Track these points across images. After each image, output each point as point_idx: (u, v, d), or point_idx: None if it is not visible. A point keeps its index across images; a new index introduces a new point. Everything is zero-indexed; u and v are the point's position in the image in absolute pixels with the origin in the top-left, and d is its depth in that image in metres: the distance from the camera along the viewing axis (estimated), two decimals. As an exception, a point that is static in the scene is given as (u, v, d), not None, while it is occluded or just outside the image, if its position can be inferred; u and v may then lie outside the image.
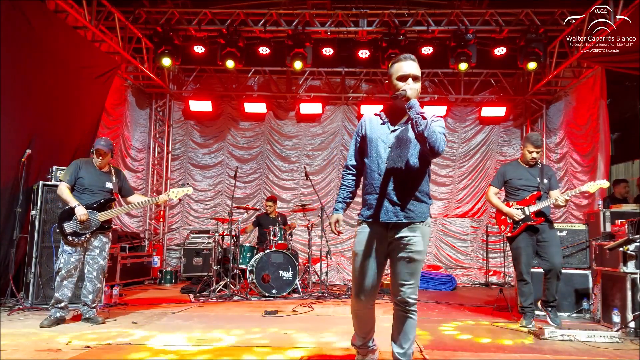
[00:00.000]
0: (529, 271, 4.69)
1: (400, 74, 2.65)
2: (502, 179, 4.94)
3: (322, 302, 6.15)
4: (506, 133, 9.81)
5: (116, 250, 7.14)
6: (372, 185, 2.70)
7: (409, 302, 2.66)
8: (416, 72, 2.66)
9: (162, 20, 7.82)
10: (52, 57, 6.00)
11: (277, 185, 9.76)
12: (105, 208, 4.59)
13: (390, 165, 2.66)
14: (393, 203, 2.64)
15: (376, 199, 2.67)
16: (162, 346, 3.66)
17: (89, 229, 4.48)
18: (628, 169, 8.77)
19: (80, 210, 4.40)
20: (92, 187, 4.58)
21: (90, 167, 4.65)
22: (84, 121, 6.79)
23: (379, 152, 2.71)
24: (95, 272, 4.56)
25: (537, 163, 4.83)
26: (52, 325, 4.31)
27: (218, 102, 9.76)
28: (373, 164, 2.72)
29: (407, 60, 2.67)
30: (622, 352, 3.70)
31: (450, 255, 9.44)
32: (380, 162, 2.69)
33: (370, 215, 2.70)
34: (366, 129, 2.81)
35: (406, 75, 2.63)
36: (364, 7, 7.81)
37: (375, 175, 2.70)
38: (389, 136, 2.72)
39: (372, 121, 2.83)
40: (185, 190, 4.84)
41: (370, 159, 2.74)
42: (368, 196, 2.73)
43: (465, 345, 3.85)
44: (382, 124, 2.77)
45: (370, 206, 2.70)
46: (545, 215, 4.68)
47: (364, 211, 2.75)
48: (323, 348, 3.62)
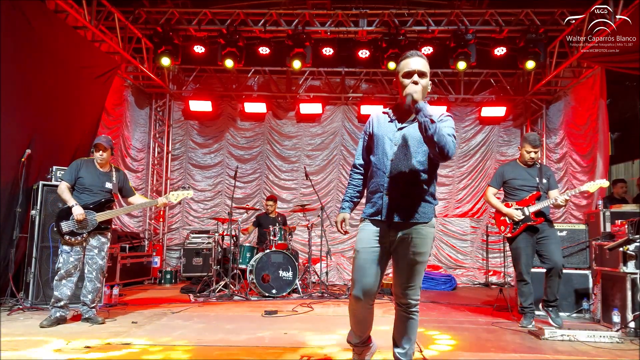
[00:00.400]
0: (529, 271, 4.70)
1: (406, 70, 2.58)
2: (500, 180, 4.94)
3: (322, 302, 6.15)
4: (506, 133, 9.81)
5: (116, 250, 7.14)
6: (377, 183, 2.65)
7: (411, 303, 2.64)
8: (423, 68, 2.58)
9: (162, 20, 7.82)
10: (52, 57, 6.00)
11: (277, 185, 9.76)
12: (103, 208, 4.59)
13: (396, 163, 2.60)
14: (398, 202, 2.58)
15: (381, 197, 2.61)
16: (162, 346, 3.66)
17: (86, 229, 4.48)
18: (628, 169, 8.77)
19: (78, 209, 4.40)
20: (92, 187, 4.58)
21: (90, 167, 4.65)
22: (84, 121, 6.79)
23: (385, 149, 2.65)
24: (95, 272, 4.56)
25: (536, 163, 4.83)
26: (52, 325, 4.31)
27: (218, 102, 9.76)
28: (379, 161, 2.66)
29: (413, 57, 2.60)
30: (622, 352, 3.70)
31: (450, 255, 9.44)
32: (385, 160, 2.63)
33: (373, 213, 2.65)
34: (373, 127, 2.77)
35: (411, 72, 2.56)
36: (364, 7, 7.81)
37: (380, 173, 2.64)
38: (396, 134, 2.65)
39: (379, 119, 2.78)
40: (185, 193, 4.80)
41: (377, 157, 2.69)
42: (372, 194, 2.68)
43: (465, 345, 3.85)
44: (389, 122, 2.72)
45: (375, 204, 2.65)
46: (544, 215, 4.69)
47: (368, 209, 2.69)
48: (323, 348, 3.63)
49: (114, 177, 4.73)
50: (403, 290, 2.63)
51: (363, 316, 2.74)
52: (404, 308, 2.66)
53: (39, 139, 5.74)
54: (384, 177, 2.61)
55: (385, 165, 2.63)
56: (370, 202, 2.69)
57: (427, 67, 2.61)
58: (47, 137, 5.93)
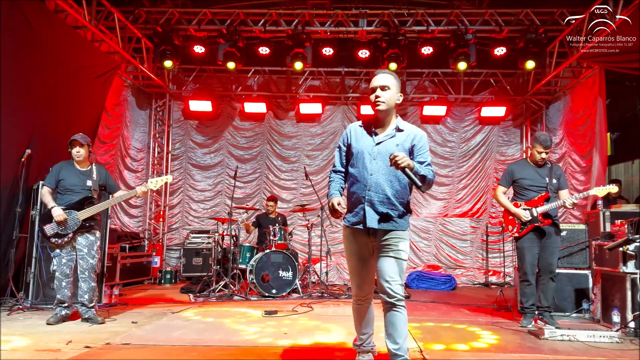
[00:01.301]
0: (533, 272, 4.67)
1: (371, 87, 2.87)
2: (510, 178, 4.91)
3: (322, 302, 6.15)
4: (506, 133, 9.81)
5: (116, 250, 7.14)
6: (359, 195, 2.82)
7: (396, 296, 2.75)
8: (384, 82, 2.82)
9: (162, 20, 7.82)
10: (52, 57, 5.99)
11: (276, 185, 9.76)
12: (84, 206, 4.56)
13: (376, 177, 2.79)
14: (377, 212, 2.78)
15: (362, 208, 2.80)
16: (162, 346, 3.66)
17: (70, 229, 4.48)
18: (628, 169, 8.78)
19: (57, 211, 4.42)
20: (73, 187, 4.59)
21: (70, 168, 4.66)
22: (84, 121, 6.78)
23: (365, 163, 2.82)
24: (87, 271, 4.55)
25: (547, 163, 4.79)
26: (58, 322, 4.42)
27: (218, 102, 9.76)
28: (359, 174, 2.84)
29: (377, 74, 2.88)
30: (622, 352, 3.70)
31: (450, 255, 9.44)
32: (366, 173, 2.81)
33: (356, 222, 2.84)
34: (351, 140, 2.94)
35: (373, 88, 2.84)
36: (363, 7, 7.82)
37: (361, 185, 2.82)
38: (374, 148, 2.83)
39: (357, 132, 2.94)
40: (164, 179, 4.82)
41: (357, 169, 2.86)
42: (354, 205, 2.86)
43: (465, 345, 3.85)
44: (367, 135, 2.90)
45: (357, 214, 2.84)
46: (552, 217, 4.67)
47: (350, 218, 2.88)
48: (323, 348, 3.63)
49: (94, 174, 4.71)
50: (387, 287, 2.75)
51: (365, 312, 3.01)
52: (390, 303, 2.77)
53: (39, 139, 5.74)
54: (365, 190, 2.80)
55: (365, 178, 2.81)
56: (353, 211, 2.87)
57: (391, 80, 2.84)
58: (47, 137, 5.93)
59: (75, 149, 4.65)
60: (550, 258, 4.64)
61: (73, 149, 4.65)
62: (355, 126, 2.99)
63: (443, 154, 9.75)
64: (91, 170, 4.73)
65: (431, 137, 9.83)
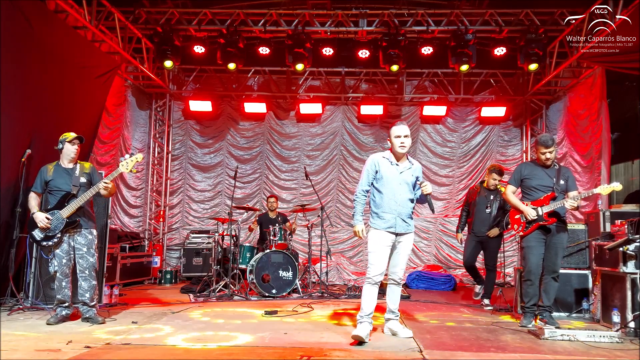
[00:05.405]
0: (538, 272, 4.65)
1: (396, 135, 4.01)
2: (518, 178, 4.89)
3: (322, 302, 6.15)
4: (506, 133, 9.82)
5: (116, 250, 7.14)
6: (390, 208, 3.96)
7: (401, 278, 4.18)
8: (407, 132, 4.02)
9: (162, 20, 7.82)
10: (52, 57, 5.99)
11: (277, 185, 9.76)
12: (64, 205, 4.51)
13: (401, 196, 4.00)
14: (402, 220, 4.00)
15: (394, 217, 3.96)
16: (162, 346, 3.66)
17: (57, 229, 4.46)
18: (628, 169, 8.77)
19: (38, 216, 4.41)
20: (61, 186, 4.57)
21: (56, 168, 4.65)
22: (84, 121, 6.77)
23: (393, 187, 3.98)
24: (87, 270, 4.55)
25: (555, 164, 4.78)
26: (58, 322, 4.41)
27: (218, 102, 9.76)
28: (391, 193, 3.97)
29: (400, 125, 4.02)
30: (622, 352, 3.70)
31: (450, 255, 9.44)
32: (396, 194, 3.98)
33: (388, 227, 3.96)
34: (380, 168, 4.03)
35: (398, 136, 4.00)
36: (363, 7, 7.81)
37: (392, 202, 3.97)
38: (399, 176, 4.02)
39: (382, 162, 4.04)
40: (135, 158, 4.67)
41: (388, 189, 3.98)
42: (385, 214, 3.96)
43: (465, 345, 3.85)
44: (391, 165, 4.02)
45: (388, 221, 3.95)
46: (558, 215, 4.65)
47: (382, 223, 3.96)
48: (323, 348, 3.63)
49: (77, 171, 4.68)
50: (399, 271, 4.12)
51: (374, 294, 3.97)
52: (397, 282, 4.15)
53: (39, 139, 5.73)
54: (396, 205, 3.97)
55: (395, 197, 3.98)
56: (383, 219, 3.97)
57: (409, 131, 4.07)
58: (47, 137, 5.91)
59: (75, 146, 4.66)
60: (554, 257, 4.63)
61: (73, 146, 4.65)
62: (380, 157, 4.08)
63: (443, 154, 9.75)
64: (75, 167, 4.72)
65: (431, 137, 9.84)
